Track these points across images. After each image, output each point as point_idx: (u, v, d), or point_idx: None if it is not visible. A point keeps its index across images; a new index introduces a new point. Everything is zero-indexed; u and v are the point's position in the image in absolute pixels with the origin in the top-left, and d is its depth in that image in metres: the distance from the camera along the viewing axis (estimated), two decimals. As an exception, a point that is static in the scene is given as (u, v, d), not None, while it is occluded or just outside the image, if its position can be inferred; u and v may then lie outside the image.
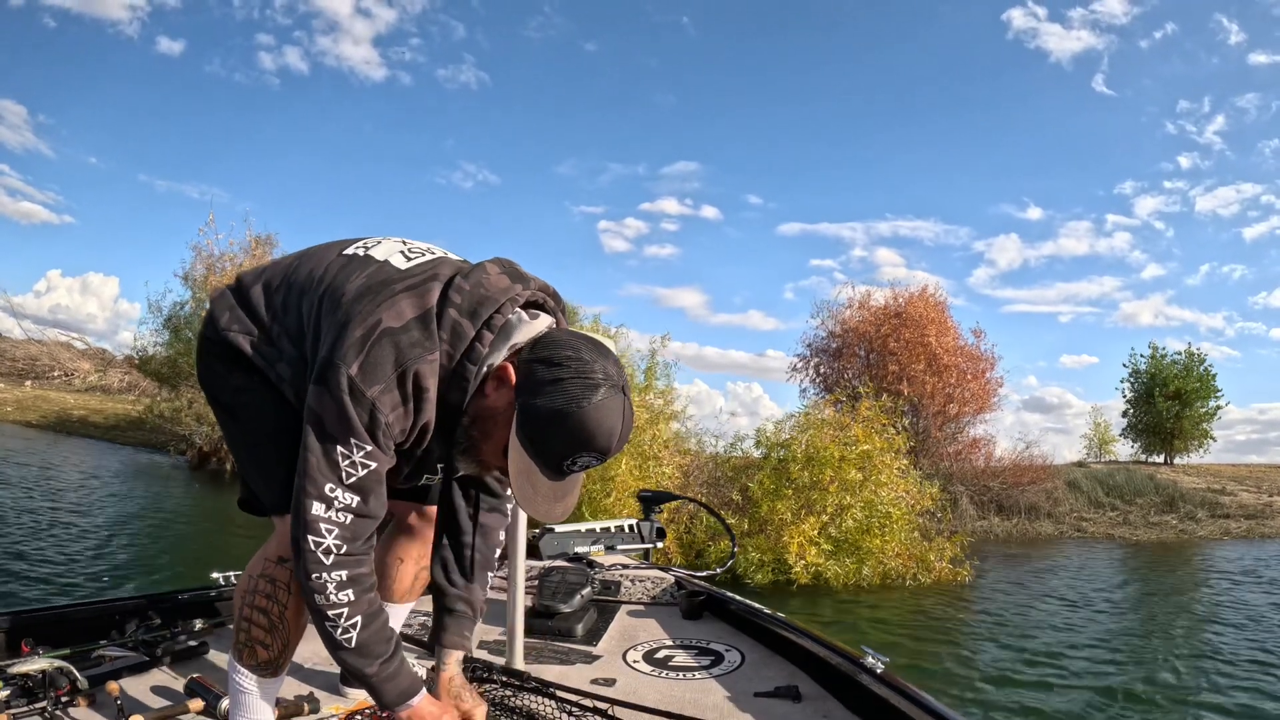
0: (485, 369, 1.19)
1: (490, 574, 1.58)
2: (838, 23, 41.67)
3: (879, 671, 1.65)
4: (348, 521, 1.18)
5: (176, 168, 43.29)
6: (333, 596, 1.18)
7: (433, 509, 1.67)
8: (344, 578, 1.18)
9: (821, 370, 21.33)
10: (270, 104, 40.32)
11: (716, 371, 40.60)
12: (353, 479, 1.17)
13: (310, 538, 1.17)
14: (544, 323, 1.25)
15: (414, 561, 1.71)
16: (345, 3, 39.79)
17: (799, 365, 21.93)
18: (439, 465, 1.35)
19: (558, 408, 1.13)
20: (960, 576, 11.10)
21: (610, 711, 1.62)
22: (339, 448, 1.15)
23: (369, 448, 1.16)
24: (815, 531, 10.38)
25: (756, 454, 12.64)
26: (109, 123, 43.75)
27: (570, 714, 1.63)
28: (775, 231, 39.11)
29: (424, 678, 1.78)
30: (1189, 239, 37.53)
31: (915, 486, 11.71)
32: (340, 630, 1.20)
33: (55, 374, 29.46)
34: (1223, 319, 36.00)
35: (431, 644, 1.53)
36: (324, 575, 1.17)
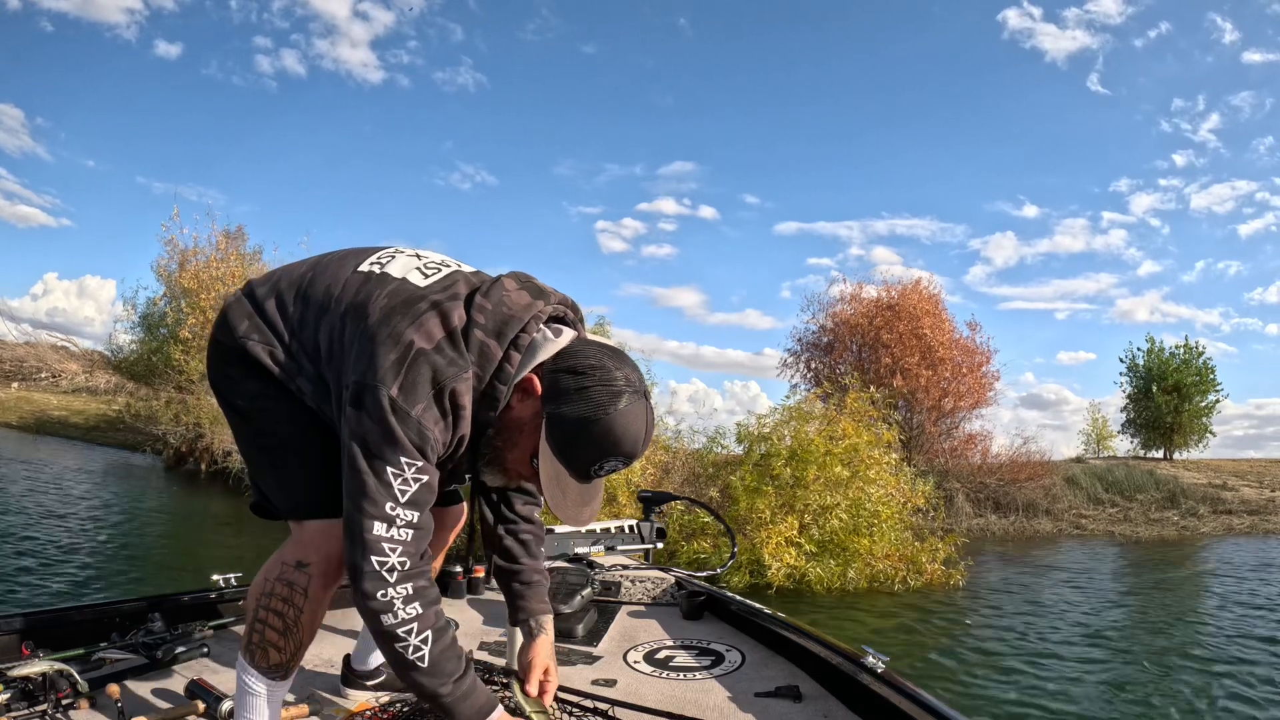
0: (507, 393, 1.25)
1: (542, 546, 1.68)
2: (833, 23, 42.02)
3: (880, 671, 1.69)
4: (409, 538, 1.21)
5: (175, 170, 43.60)
6: (400, 613, 1.20)
7: (450, 512, 1.71)
8: (409, 591, 1.20)
9: (813, 366, 21.08)
10: (268, 107, 40.47)
11: (714, 371, 41.03)
12: (408, 494, 1.20)
13: (374, 558, 1.18)
14: (567, 337, 1.29)
15: None
16: (343, 6, 39.88)
17: (789, 361, 21.70)
18: (467, 476, 1.40)
19: (584, 415, 1.19)
20: (953, 579, 10.57)
21: (610, 712, 1.65)
22: (389, 468, 1.18)
23: (419, 463, 1.20)
24: (795, 531, 9.94)
25: (738, 449, 12.20)
26: (107, 126, 43.85)
27: (571, 714, 1.66)
28: (772, 231, 39.39)
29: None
30: (1184, 236, 38.15)
31: (907, 483, 11.29)
32: (411, 649, 1.21)
33: (43, 375, 29.59)
34: (1219, 315, 36.51)
35: (514, 620, 1.62)
36: (389, 591, 1.19)
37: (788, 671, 1.99)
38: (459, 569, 2.69)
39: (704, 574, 2.86)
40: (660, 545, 2.94)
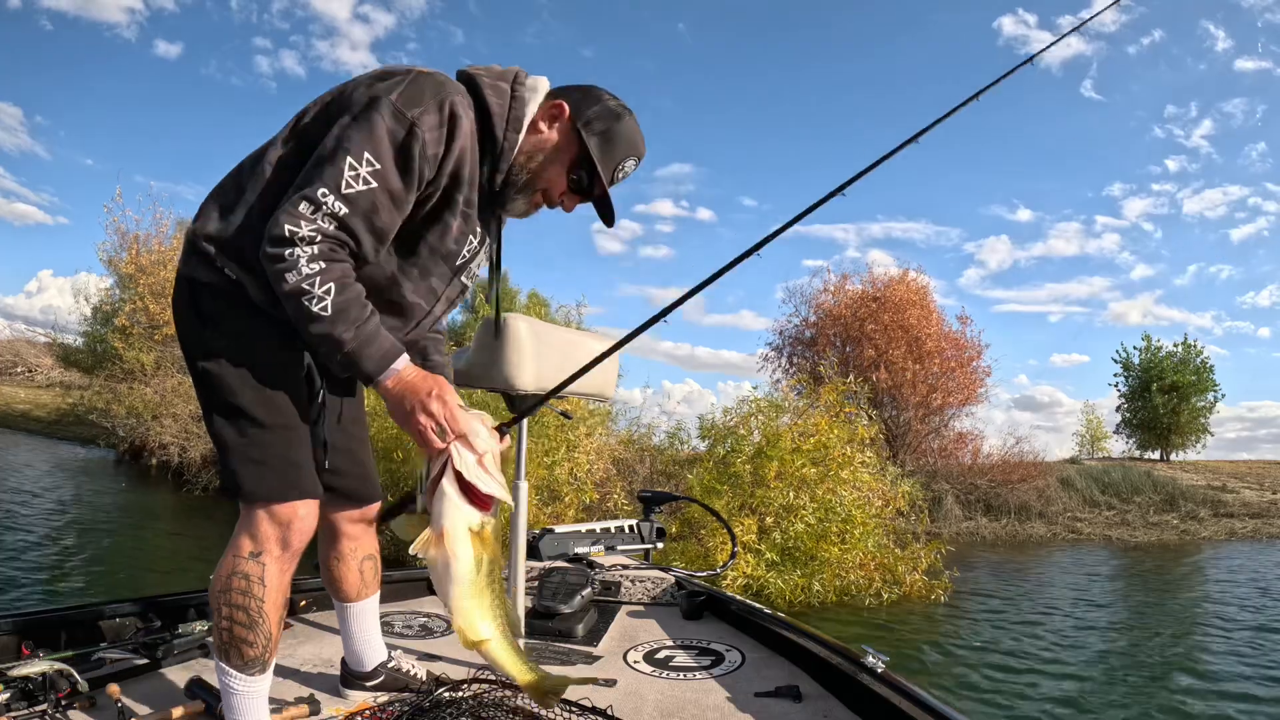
0: (528, 115, 1.46)
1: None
2: (832, 28, 42.79)
3: (879, 671, 1.73)
4: (330, 228, 1.27)
5: (173, 169, 44.06)
6: (304, 269, 1.25)
7: (361, 510, 1.74)
8: (315, 252, 1.25)
9: (795, 361, 20.67)
10: (267, 107, 41.02)
11: (709, 371, 41.43)
12: (350, 191, 1.26)
13: (288, 226, 1.24)
14: (545, 81, 1.52)
15: (353, 557, 1.78)
16: (343, 8, 40.05)
17: (770, 356, 21.27)
18: (479, 234, 1.52)
19: (611, 117, 1.47)
20: (935, 593, 9.72)
21: (610, 711, 1.68)
22: (349, 158, 1.27)
23: (377, 166, 1.28)
24: (754, 535, 9.21)
25: (701, 446, 11.55)
26: (106, 125, 44.31)
27: (571, 713, 1.69)
28: (768, 232, 39.65)
29: (421, 676, 1.84)
30: (1177, 240, 39.18)
31: (887, 484, 10.64)
32: (315, 300, 1.25)
33: (18, 370, 29.77)
34: (1211, 318, 37.70)
35: None
36: (295, 252, 1.24)
37: (788, 671, 2.04)
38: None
39: (704, 574, 2.89)
40: (660, 545, 2.97)
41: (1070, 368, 39.84)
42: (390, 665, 1.88)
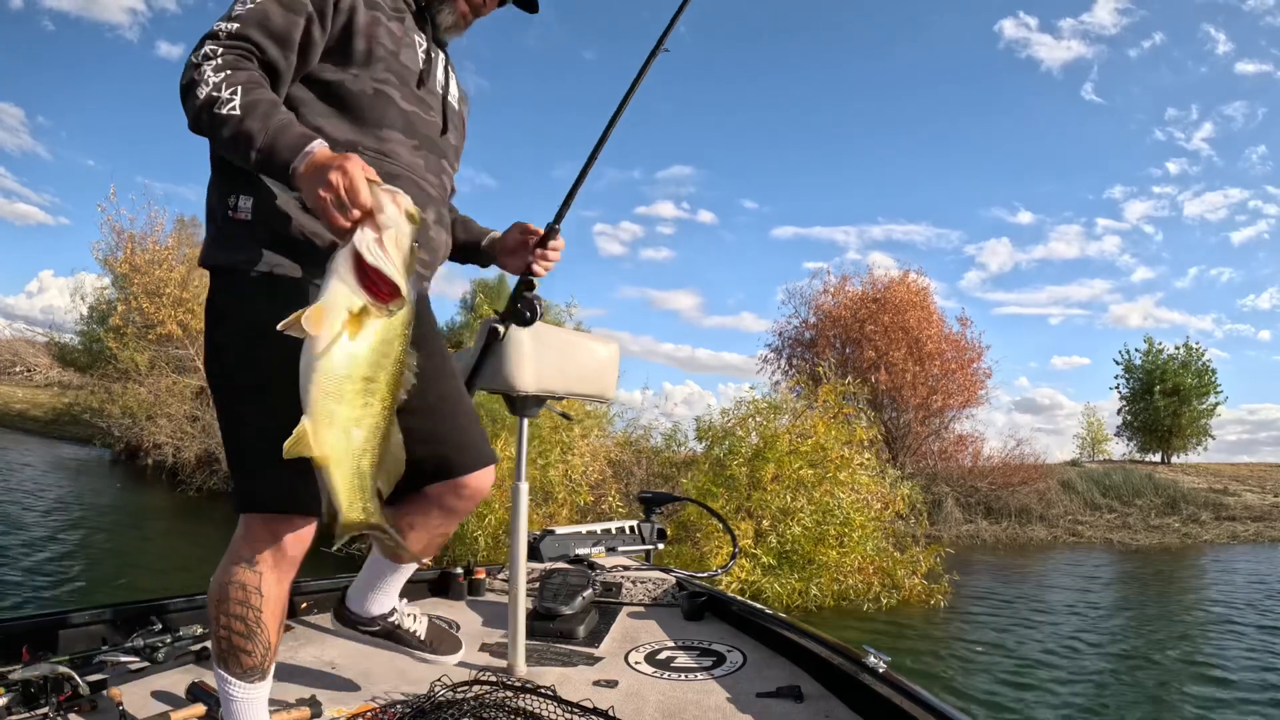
0: None
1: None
2: (832, 31, 43.08)
3: (881, 671, 1.74)
4: (230, 43, 1.32)
5: (175, 171, 44.24)
6: (211, 78, 1.26)
7: (455, 482, 1.67)
8: (220, 63, 1.29)
9: (794, 362, 20.64)
10: None
11: (709, 373, 41.61)
12: (239, 10, 1.35)
13: (190, 58, 1.30)
14: None
15: (425, 529, 1.70)
16: (344, 9, 40.68)
17: (770, 357, 21.27)
18: (424, 37, 1.57)
19: None
20: (934, 597, 9.62)
21: (611, 712, 1.68)
22: (238, 4, 1.36)
23: None
24: (750, 538, 9.09)
25: (699, 447, 11.52)
26: (108, 126, 44.64)
27: (573, 713, 1.69)
28: (769, 235, 40.41)
29: (420, 634, 1.82)
30: (1178, 242, 39.42)
31: (886, 487, 10.56)
32: (225, 104, 1.25)
33: (17, 370, 30.04)
34: (1211, 321, 37.90)
35: (481, 248, 1.83)
36: (202, 68, 1.28)
37: (789, 672, 2.05)
38: (459, 570, 2.72)
39: (704, 574, 2.90)
40: (661, 546, 2.98)
41: (1071, 370, 40.13)
42: (391, 619, 1.81)
